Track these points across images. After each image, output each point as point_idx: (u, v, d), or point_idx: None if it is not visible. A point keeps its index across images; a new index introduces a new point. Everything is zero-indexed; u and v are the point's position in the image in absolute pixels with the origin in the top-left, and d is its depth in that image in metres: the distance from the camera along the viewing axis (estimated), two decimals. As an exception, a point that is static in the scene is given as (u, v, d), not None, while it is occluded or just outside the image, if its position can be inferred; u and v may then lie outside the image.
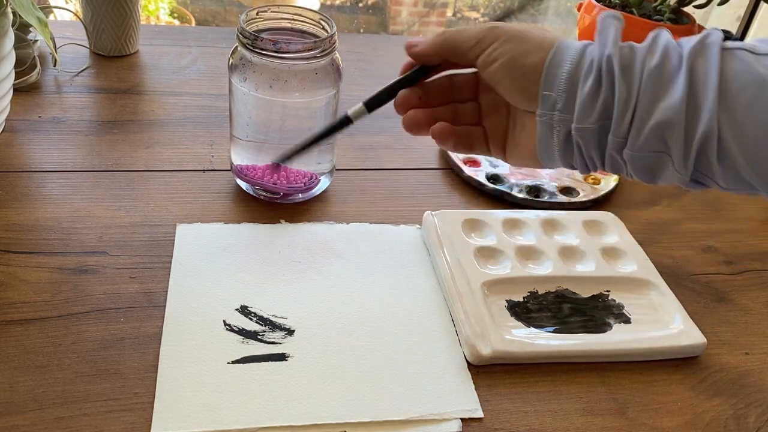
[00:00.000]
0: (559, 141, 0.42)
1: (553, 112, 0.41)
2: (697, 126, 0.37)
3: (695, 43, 0.38)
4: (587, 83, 0.39)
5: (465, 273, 0.57)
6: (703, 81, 0.37)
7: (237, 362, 0.49)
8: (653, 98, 0.38)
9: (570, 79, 0.40)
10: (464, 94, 0.49)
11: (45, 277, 0.53)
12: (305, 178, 0.63)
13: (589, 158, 0.41)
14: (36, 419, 0.43)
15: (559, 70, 0.40)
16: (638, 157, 0.39)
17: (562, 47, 0.41)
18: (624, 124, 0.39)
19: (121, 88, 0.81)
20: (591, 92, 0.39)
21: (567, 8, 3.28)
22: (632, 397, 0.51)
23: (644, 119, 0.38)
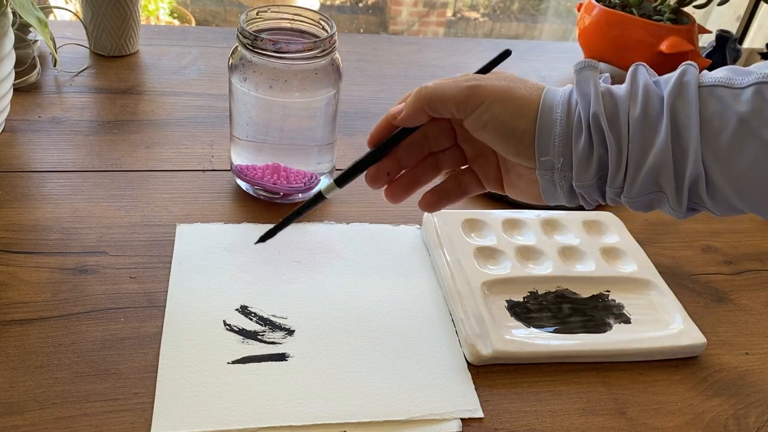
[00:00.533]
0: (563, 192, 0.43)
1: (552, 171, 0.42)
2: (685, 168, 0.38)
3: (672, 85, 0.39)
4: (579, 143, 0.40)
5: (465, 273, 0.57)
6: (685, 125, 0.38)
7: (237, 362, 0.49)
8: (642, 147, 0.39)
9: (563, 141, 0.41)
10: (442, 143, 0.47)
11: (45, 277, 0.53)
12: (305, 178, 0.63)
13: (593, 201, 0.43)
14: (36, 419, 0.43)
15: (551, 132, 0.41)
16: (635, 200, 0.41)
17: (548, 104, 0.41)
18: (619, 177, 0.40)
19: (121, 88, 0.81)
20: (585, 152, 0.40)
21: (567, 8, 3.28)
22: (632, 397, 0.51)
23: (637, 169, 0.39)
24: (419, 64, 0.98)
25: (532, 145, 0.41)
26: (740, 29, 1.51)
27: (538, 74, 1.00)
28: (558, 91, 0.42)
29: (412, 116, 0.44)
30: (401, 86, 0.90)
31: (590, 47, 1.00)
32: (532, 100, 0.41)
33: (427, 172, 0.48)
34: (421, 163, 0.48)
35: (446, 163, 0.48)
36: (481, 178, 0.47)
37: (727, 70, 0.38)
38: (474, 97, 0.42)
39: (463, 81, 0.43)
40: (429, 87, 0.43)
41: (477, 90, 0.42)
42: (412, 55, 1.00)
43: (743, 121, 0.36)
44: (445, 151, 0.48)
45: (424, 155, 0.47)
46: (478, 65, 0.46)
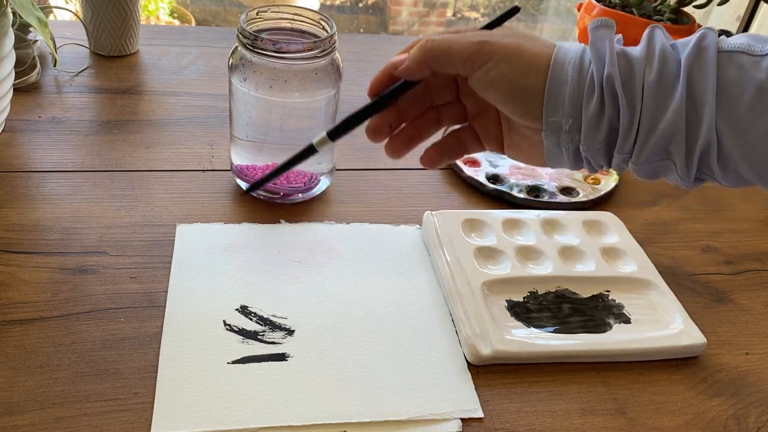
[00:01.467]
0: (568, 155, 0.41)
1: (559, 133, 0.40)
2: (697, 135, 0.37)
3: (691, 48, 0.38)
4: (591, 104, 0.39)
5: (465, 273, 0.57)
6: (701, 90, 0.37)
7: (237, 362, 0.49)
8: (655, 112, 0.38)
9: (573, 101, 0.39)
10: (444, 97, 0.46)
11: (45, 277, 0.53)
12: (305, 178, 0.63)
13: (598, 166, 0.42)
14: (36, 419, 0.43)
15: (561, 91, 0.39)
16: (643, 167, 0.40)
17: (559, 62, 0.40)
18: (629, 142, 0.39)
19: (121, 88, 0.81)
20: (595, 114, 0.39)
21: (567, 8, 3.28)
22: (632, 397, 0.51)
23: (648, 135, 0.38)
24: (419, 64, 0.97)
25: (540, 105, 0.40)
26: (740, 29, 1.51)
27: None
28: (570, 49, 0.40)
29: (413, 69, 0.42)
30: (401, 86, 0.90)
31: (590, 47, 1.00)
32: (542, 58, 0.40)
33: (427, 126, 0.46)
34: (422, 117, 0.46)
35: (447, 117, 0.47)
36: (481, 136, 0.46)
37: (747, 36, 0.37)
38: (481, 54, 0.40)
39: (471, 36, 0.41)
40: (434, 40, 0.41)
41: (484, 46, 0.40)
42: (412, 55, 1.00)
43: (762, 89, 0.35)
44: (447, 106, 0.46)
45: (426, 107, 0.46)
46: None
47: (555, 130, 0.40)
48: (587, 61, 0.39)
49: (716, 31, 0.38)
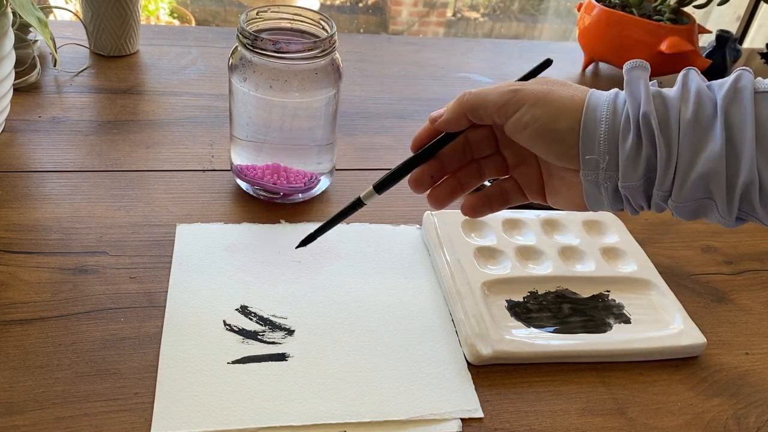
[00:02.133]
0: (607, 195, 0.41)
1: (597, 171, 0.40)
2: (738, 174, 0.37)
3: (728, 89, 0.38)
4: (627, 142, 0.39)
5: (465, 273, 0.57)
6: (739, 129, 0.37)
7: (237, 362, 0.49)
8: (693, 150, 0.38)
9: (609, 139, 0.39)
10: (484, 150, 0.47)
11: (45, 277, 0.53)
12: (305, 178, 0.63)
13: (638, 206, 0.41)
14: (36, 419, 0.43)
15: (596, 131, 0.40)
16: (682, 206, 0.39)
17: (592, 104, 0.40)
18: (667, 180, 0.39)
19: (121, 88, 0.81)
20: (632, 151, 0.39)
21: (567, 8, 3.28)
22: (632, 397, 0.51)
23: (686, 173, 0.38)
24: (419, 64, 0.98)
25: (576, 145, 0.40)
26: (740, 29, 1.51)
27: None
28: (603, 93, 0.41)
29: (452, 121, 0.44)
30: (401, 86, 0.90)
31: (590, 47, 1.00)
32: (574, 101, 0.41)
33: (470, 178, 0.47)
34: (464, 169, 0.47)
35: (489, 170, 0.47)
36: (523, 186, 0.47)
37: None
38: (514, 101, 0.41)
39: (505, 86, 0.43)
40: (471, 93, 0.43)
41: (517, 94, 0.41)
42: (412, 55, 1.00)
43: None
44: (488, 158, 0.47)
45: (466, 161, 0.47)
46: (478, 65, 0.46)
47: (592, 168, 0.40)
48: (621, 102, 0.40)
49: (752, 72, 0.38)
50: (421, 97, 0.88)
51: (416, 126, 0.47)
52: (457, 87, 0.92)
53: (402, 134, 0.79)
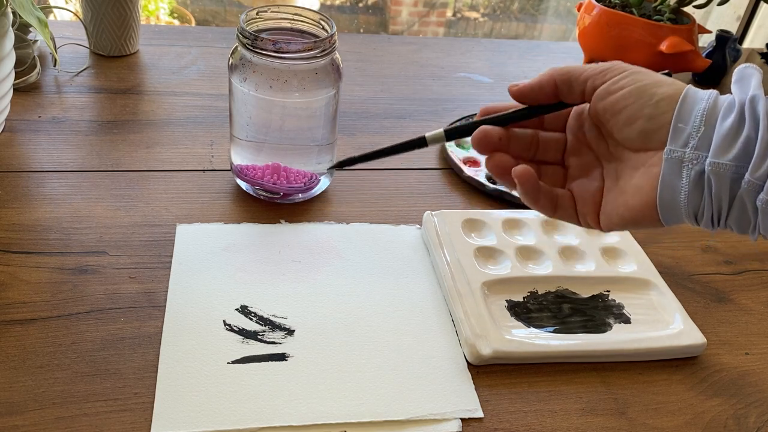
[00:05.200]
0: (689, 181, 0.37)
1: (685, 148, 0.37)
2: None
3: None
4: (728, 120, 0.36)
5: (465, 273, 0.57)
6: None
7: (237, 362, 0.49)
8: None
9: (707, 114, 0.37)
10: (549, 154, 0.45)
11: (45, 277, 0.53)
12: (305, 178, 0.63)
13: (717, 204, 0.37)
14: (36, 419, 0.43)
15: (696, 105, 0.37)
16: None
17: (694, 89, 0.39)
18: (764, 165, 0.35)
19: (121, 88, 0.81)
20: (732, 128, 0.36)
21: (567, 8, 3.28)
22: (632, 397, 0.51)
23: None
24: (419, 64, 0.98)
25: (669, 111, 0.37)
26: (740, 29, 1.51)
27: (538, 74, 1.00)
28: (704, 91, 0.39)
29: (537, 84, 0.42)
30: (401, 86, 0.90)
31: (590, 47, 1.00)
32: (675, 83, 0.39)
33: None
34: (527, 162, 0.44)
35: (547, 177, 0.45)
36: (578, 202, 0.43)
37: None
38: (614, 68, 0.40)
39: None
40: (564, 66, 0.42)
41: (618, 64, 0.40)
42: (412, 55, 1.00)
43: None
44: (549, 166, 0.45)
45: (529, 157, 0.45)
46: (478, 65, 0.46)
47: (681, 143, 0.37)
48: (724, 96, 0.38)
49: None
50: (421, 97, 0.88)
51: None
52: (457, 87, 0.92)
53: (402, 134, 0.79)
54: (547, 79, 0.42)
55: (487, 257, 0.60)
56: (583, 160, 0.44)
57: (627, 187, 0.40)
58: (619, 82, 0.39)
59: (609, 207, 0.41)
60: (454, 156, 0.74)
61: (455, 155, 0.74)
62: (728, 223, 0.37)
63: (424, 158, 0.75)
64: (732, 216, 0.37)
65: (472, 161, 0.74)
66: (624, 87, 0.39)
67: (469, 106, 0.87)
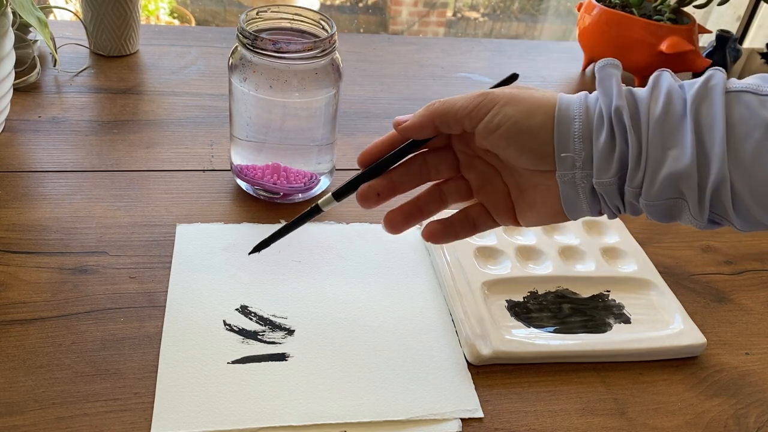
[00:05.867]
0: (585, 196, 0.41)
1: (573, 171, 0.40)
2: (708, 174, 0.37)
3: (698, 87, 0.37)
4: (600, 138, 0.39)
5: (465, 273, 0.57)
6: (709, 128, 0.36)
7: (237, 362, 0.49)
8: (662, 148, 0.37)
9: (583, 135, 0.39)
10: (443, 172, 0.46)
11: (45, 277, 0.53)
12: (305, 178, 0.63)
13: (614, 207, 0.41)
14: (36, 419, 0.43)
15: (570, 127, 0.39)
16: (653, 205, 0.39)
17: (564, 103, 0.40)
18: (638, 176, 0.38)
19: (121, 88, 0.81)
20: (606, 147, 0.39)
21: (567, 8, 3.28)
22: (632, 397, 0.51)
23: (656, 170, 0.38)
24: (419, 64, 0.98)
25: (550, 143, 0.40)
26: (740, 29, 1.51)
27: (538, 74, 1.00)
28: (573, 95, 0.41)
29: (417, 126, 0.43)
30: (401, 86, 0.90)
31: (590, 47, 1.00)
32: (546, 99, 0.40)
33: (430, 203, 0.47)
34: (425, 195, 0.46)
35: (451, 195, 0.46)
36: (491, 209, 0.45)
37: (757, 77, 0.37)
38: (484, 103, 0.41)
39: (473, 93, 0.42)
40: (440, 100, 0.43)
41: (487, 96, 0.41)
42: (412, 55, 1.00)
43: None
44: (449, 182, 0.46)
45: (422, 183, 0.46)
46: (478, 65, 0.46)
47: (569, 168, 0.40)
48: (593, 100, 0.40)
49: (724, 72, 0.38)
50: (421, 97, 0.88)
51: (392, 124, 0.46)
52: (457, 87, 0.92)
53: (402, 134, 0.79)
54: (426, 121, 0.43)
55: (487, 257, 0.60)
56: (479, 172, 0.46)
57: (535, 201, 0.43)
58: (494, 120, 0.41)
59: (524, 214, 0.44)
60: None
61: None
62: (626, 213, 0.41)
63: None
64: (627, 210, 0.41)
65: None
66: (500, 125, 0.41)
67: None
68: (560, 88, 0.97)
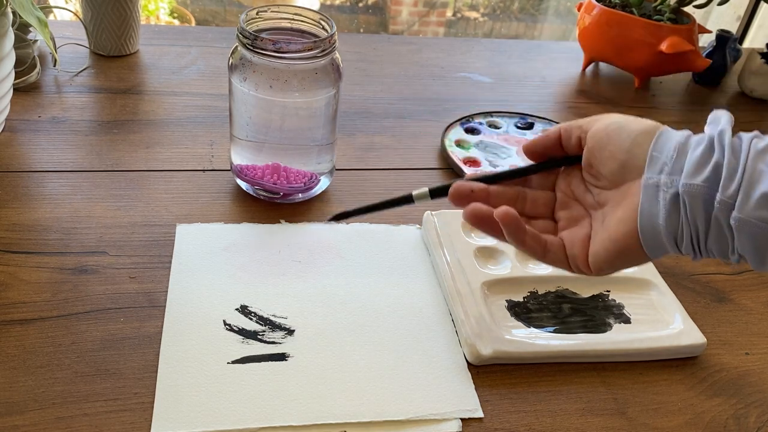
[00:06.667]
0: (665, 203, 0.39)
1: (660, 174, 0.40)
2: None
3: None
4: (698, 149, 0.40)
5: (465, 273, 0.57)
6: None
7: (237, 362, 0.49)
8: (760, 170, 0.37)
9: (680, 147, 0.40)
10: (538, 210, 0.47)
11: (45, 277, 0.53)
12: (305, 178, 0.63)
13: (694, 225, 0.39)
14: (36, 419, 0.43)
15: (670, 140, 0.41)
16: (747, 223, 0.37)
17: (670, 129, 0.42)
18: (733, 185, 0.37)
19: (121, 88, 0.81)
20: (702, 155, 0.39)
21: (567, 8, 3.28)
22: (632, 397, 0.51)
23: (752, 185, 0.37)
24: (419, 64, 0.98)
25: (644, 145, 0.41)
26: (740, 29, 1.51)
27: (539, 74, 1.00)
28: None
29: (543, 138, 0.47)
30: (401, 86, 0.90)
31: (590, 47, 1.00)
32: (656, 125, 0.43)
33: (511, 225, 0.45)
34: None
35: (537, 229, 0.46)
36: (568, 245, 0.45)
37: None
38: (605, 116, 0.45)
39: None
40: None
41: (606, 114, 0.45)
42: (412, 55, 1.00)
43: None
44: (539, 220, 0.47)
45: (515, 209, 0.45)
46: (478, 65, 0.47)
47: (656, 170, 0.40)
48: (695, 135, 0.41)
49: None
50: (421, 97, 0.88)
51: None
52: (457, 87, 0.92)
53: (402, 134, 0.79)
54: (553, 132, 0.47)
55: (487, 257, 0.60)
56: (572, 212, 0.47)
57: (611, 222, 0.43)
58: (605, 121, 0.44)
59: (596, 246, 0.43)
60: (455, 156, 0.74)
61: (455, 155, 0.74)
62: (708, 246, 0.39)
63: (424, 158, 0.75)
64: (711, 238, 0.39)
65: (472, 161, 0.74)
66: (608, 126, 0.44)
67: (469, 106, 0.87)
68: (560, 88, 0.97)
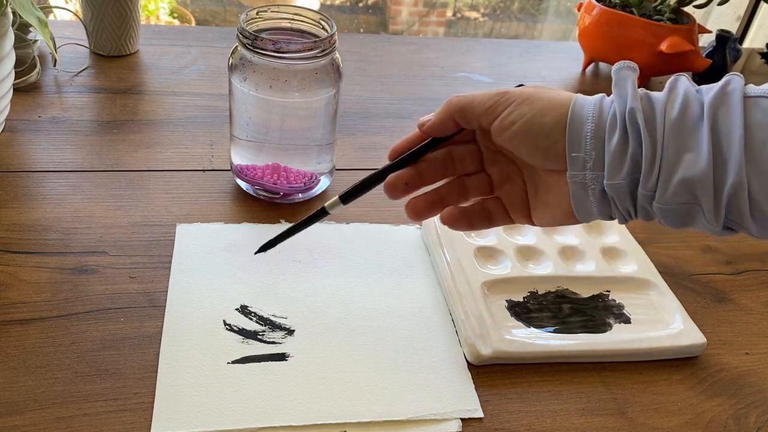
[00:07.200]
0: (595, 198, 0.40)
1: (584, 171, 0.40)
2: (725, 179, 0.36)
3: (716, 92, 0.37)
4: (613, 139, 0.39)
5: (465, 273, 0.57)
6: (727, 133, 0.36)
7: (237, 362, 0.49)
8: (678, 151, 0.37)
9: (595, 136, 0.39)
10: (467, 166, 0.47)
11: (45, 277, 0.53)
12: (305, 178, 0.63)
13: (625, 211, 0.40)
14: (36, 419, 0.43)
15: (583, 127, 0.39)
16: (667, 209, 0.38)
17: (579, 103, 0.40)
18: (652, 178, 0.38)
19: (121, 88, 0.81)
20: (618, 148, 0.38)
21: (567, 8, 3.28)
22: (632, 397, 0.51)
23: (670, 173, 0.37)
24: (419, 64, 0.98)
25: (562, 141, 0.40)
26: (740, 29, 1.51)
27: (538, 74, 1.00)
28: (589, 97, 0.41)
29: (439, 124, 0.45)
30: (401, 86, 0.90)
31: (590, 47, 1.00)
32: (561, 99, 0.41)
33: (452, 193, 0.47)
34: (448, 186, 0.47)
35: (473, 188, 0.47)
36: (507, 205, 0.46)
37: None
38: (501, 101, 0.42)
39: (493, 90, 0.43)
40: (459, 96, 0.44)
41: (504, 95, 0.42)
42: (412, 55, 1.00)
43: None
44: (471, 176, 0.47)
45: (448, 175, 0.47)
46: (478, 65, 0.47)
47: (579, 168, 0.40)
48: (608, 102, 0.40)
49: (742, 78, 0.38)
50: (421, 97, 0.88)
51: (416, 126, 0.47)
52: (458, 87, 0.92)
53: (402, 134, 0.78)
54: (447, 117, 0.45)
55: (487, 257, 0.60)
56: (501, 167, 0.46)
57: (548, 201, 0.44)
58: (509, 118, 0.42)
59: (538, 213, 0.45)
60: (454, 156, 0.74)
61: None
62: (637, 218, 0.41)
63: (424, 158, 0.75)
64: (639, 215, 0.40)
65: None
66: (514, 122, 0.41)
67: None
68: (560, 88, 0.97)
